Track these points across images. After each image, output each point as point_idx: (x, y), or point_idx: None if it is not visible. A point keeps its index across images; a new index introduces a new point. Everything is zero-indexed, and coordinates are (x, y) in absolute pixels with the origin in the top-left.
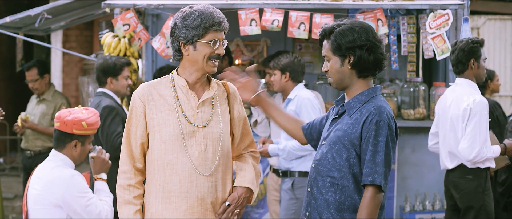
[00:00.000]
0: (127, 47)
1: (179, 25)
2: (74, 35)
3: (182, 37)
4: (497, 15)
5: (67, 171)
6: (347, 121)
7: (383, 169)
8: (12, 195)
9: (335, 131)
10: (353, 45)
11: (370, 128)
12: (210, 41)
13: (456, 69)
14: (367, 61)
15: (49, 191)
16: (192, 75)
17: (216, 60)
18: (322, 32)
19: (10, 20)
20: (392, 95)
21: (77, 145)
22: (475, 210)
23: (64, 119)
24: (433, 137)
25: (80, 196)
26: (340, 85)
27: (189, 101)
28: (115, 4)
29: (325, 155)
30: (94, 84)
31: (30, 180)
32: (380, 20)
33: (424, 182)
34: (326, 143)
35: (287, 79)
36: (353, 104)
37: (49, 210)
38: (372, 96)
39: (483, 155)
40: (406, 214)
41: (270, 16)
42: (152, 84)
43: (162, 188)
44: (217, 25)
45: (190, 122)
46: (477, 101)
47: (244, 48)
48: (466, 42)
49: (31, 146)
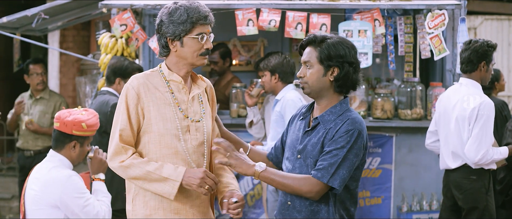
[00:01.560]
0: (124, 47)
1: (166, 21)
2: (71, 35)
3: (169, 33)
4: (494, 15)
5: (64, 171)
6: (323, 132)
7: (335, 170)
8: (9, 195)
9: (312, 145)
10: (344, 59)
11: (340, 133)
12: (198, 35)
13: (464, 68)
14: (351, 79)
15: (47, 192)
16: (181, 71)
17: (205, 55)
18: (312, 38)
19: (7, 20)
20: (389, 95)
21: (76, 146)
22: (479, 211)
23: (64, 119)
24: (432, 135)
25: (78, 196)
26: (316, 94)
27: (181, 95)
28: (112, 4)
29: (305, 169)
30: (91, 84)
31: (27, 180)
32: (377, 20)
33: (421, 182)
34: (303, 156)
35: (276, 80)
36: (327, 117)
37: (47, 210)
38: (345, 109)
39: (489, 157)
40: (403, 214)
41: (267, 16)
42: (145, 76)
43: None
44: (203, 19)
45: (187, 116)
46: (485, 103)
47: (241, 48)
48: (482, 44)
49: (31, 146)
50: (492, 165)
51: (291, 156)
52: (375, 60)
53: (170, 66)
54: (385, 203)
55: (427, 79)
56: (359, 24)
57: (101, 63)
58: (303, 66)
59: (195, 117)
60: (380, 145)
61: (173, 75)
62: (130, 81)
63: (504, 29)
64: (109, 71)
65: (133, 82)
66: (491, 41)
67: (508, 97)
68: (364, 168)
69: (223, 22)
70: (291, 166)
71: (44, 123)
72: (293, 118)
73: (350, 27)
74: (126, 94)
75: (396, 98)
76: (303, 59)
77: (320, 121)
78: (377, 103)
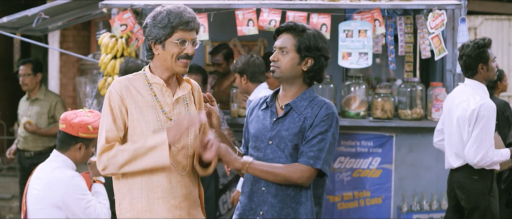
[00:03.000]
0: (124, 47)
1: (149, 24)
2: (71, 35)
3: (151, 36)
4: (494, 15)
5: (67, 172)
6: (298, 117)
7: (325, 156)
8: (9, 195)
9: (287, 130)
10: (321, 53)
11: (321, 117)
12: (177, 40)
13: (465, 73)
14: (322, 72)
15: (49, 192)
16: (163, 74)
17: (185, 60)
18: (293, 26)
19: (7, 20)
20: (389, 95)
21: (81, 147)
22: (480, 211)
23: (70, 121)
24: (439, 134)
25: (80, 198)
26: (287, 81)
27: (164, 98)
28: (113, 4)
29: (280, 153)
30: (91, 84)
31: (30, 180)
32: (377, 20)
33: (421, 182)
34: (276, 142)
35: (246, 80)
36: (299, 103)
37: (49, 210)
38: (314, 96)
39: (488, 159)
40: (403, 214)
41: (267, 16)
42: (127, 79)
43: (147, 183)
44: (184, 24)
45: (170, 118)
46: (485, 105)
47: (241, 48)
48: (473, 48)
49: (31, 147)
50: (495, 166)
51: (261, 144)
52: (375, 60)
53: (153, 69)
54: (385, 203)
55: (427, 79)
56: (359, 24)
57: (101, 63)
58: (278, 50)
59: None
60: (380, 145)
61: (155, 77)
62: (112, 85)
63: (504, 29)
64: (122, 74)
65: (115, 85)
66: (482, 41)
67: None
68: (365, 168)
69: (223, 22)
70: (262, 154)
71: (41, 124)
72: (252, 110)
73: (350, 27)
74: (109, 97)
75: (396, 98)
76: (279, 45)
77: (292, 107)
78: (377, 103)
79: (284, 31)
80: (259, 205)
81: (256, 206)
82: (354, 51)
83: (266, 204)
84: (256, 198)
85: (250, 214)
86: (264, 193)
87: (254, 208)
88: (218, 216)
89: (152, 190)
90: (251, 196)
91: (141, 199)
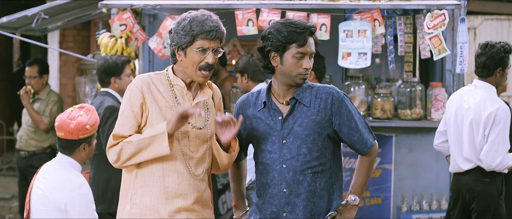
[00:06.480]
0: (124, 47)
1: (174, 30)
2: (71, 35)
3: (174, 42)
4: (494, 15)
5: (77, 179)
6: (309, 110)
7: (366, 130)
8: (9, 195)
9: (301, 124)
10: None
11: (340, 104)
12: (198, 49)
13: (479, 73)
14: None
15: (55, 194)
16: (186, 79)
17: (205, 72)
18: (314, 27)
19: (7, 20)
20: (388, 95)
21: (85, 147)
22: (490, 213)
23: (68, 128)
24: (441, 135)
25: (83, 208)
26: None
27: (184, 101)
28: (112, 4)
29: (298, 151)
30: (91, 84)
31: (34, 180)
32: (377, 20)
33: (421, 182)
34: (292, 140)
35: (247, 80)
36: (302, 94)
37: (52, 212)
38: (309, 83)
39: (505, 164)
40: (403, 214)
41: (267, 16)
42: (149, 77)
43: (160, 183)
44: (205, 33)
45: (188, 122)
46: (501, 108)
47: (241, 48)
48: (498, 50)
49: (25, 146)
50: (504, 169)
51: (273, 145)
52: (374, 60)
53: (176, 72)
54: (384, 203)
55: (427, 79)
56: (359, 24)
57: None
58: (308, 57)
59: (197, 124)
60: (380, 145)
61: (177, 80)
62: (134, 81)
63: (504, 29)
64: (101, 74)
65: (137, 82)
66: (508, 46)
67: (508, 97)
68: None
69: (223, 22)
70: (277, 155)
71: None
72: (245, 113)
73: (350, 27)
74: (129, 94)
75: (395, 98)
76: (313, 50)
77: (298, 100)
78: (377, 103)
79: (312, 35)
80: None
81: (278, 210)
82: (353, 51)
83: (290, 205)
84: (276, 202)
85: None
86: (286, 194)
87: (276, 212)
88: (218, 216)
89: (164, 190)
90: (272, 201)
91: (151, 197)
